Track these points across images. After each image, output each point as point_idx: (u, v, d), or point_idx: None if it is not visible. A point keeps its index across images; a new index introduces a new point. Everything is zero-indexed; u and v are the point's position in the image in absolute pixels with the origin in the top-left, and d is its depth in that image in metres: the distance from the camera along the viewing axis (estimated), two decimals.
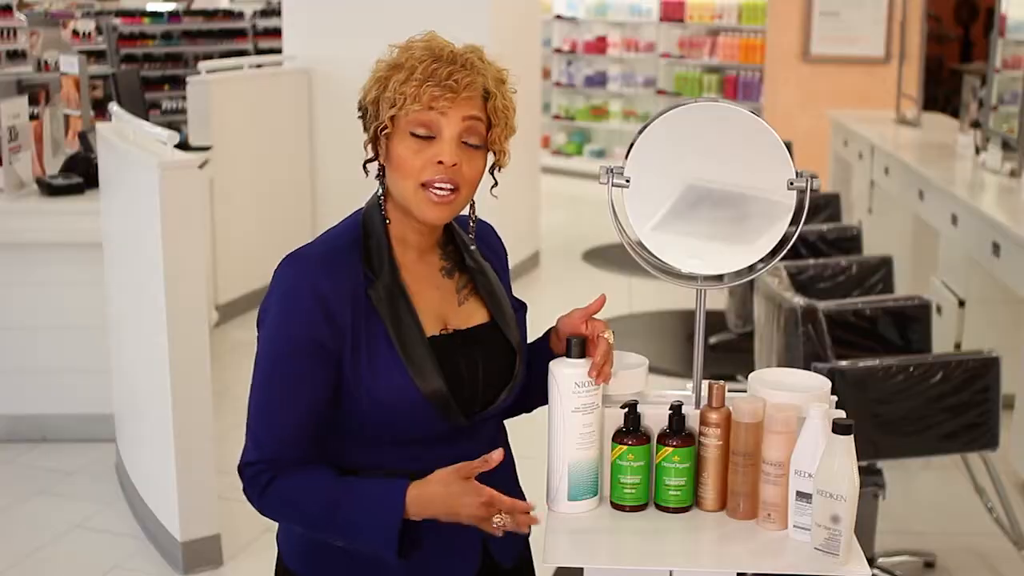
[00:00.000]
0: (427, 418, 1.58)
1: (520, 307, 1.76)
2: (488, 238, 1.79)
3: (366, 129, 1.62)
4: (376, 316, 1.58)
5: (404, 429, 1.59)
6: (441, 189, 1.56)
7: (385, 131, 1.58)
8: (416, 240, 1.65)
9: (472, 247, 1.72)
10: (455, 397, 1.59)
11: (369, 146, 1.63)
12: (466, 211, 1.68)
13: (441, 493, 1.51)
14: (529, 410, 1.79)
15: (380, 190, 1.63)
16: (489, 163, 1.65)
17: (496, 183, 1.67)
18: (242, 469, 1.60)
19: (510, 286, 1.79)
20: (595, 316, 1.69)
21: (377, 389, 1.56)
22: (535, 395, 1.74)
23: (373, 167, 1.64)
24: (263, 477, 1.57)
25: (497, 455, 1.53)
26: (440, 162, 1.55)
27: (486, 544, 1.68)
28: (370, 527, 1.52)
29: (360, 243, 1.62)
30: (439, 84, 1.54)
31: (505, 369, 1.67)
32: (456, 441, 1.62)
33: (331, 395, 1.58)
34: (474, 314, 1.68)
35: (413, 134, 1.56)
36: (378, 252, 1.61)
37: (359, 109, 1.63)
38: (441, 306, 1.65)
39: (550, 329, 1.77)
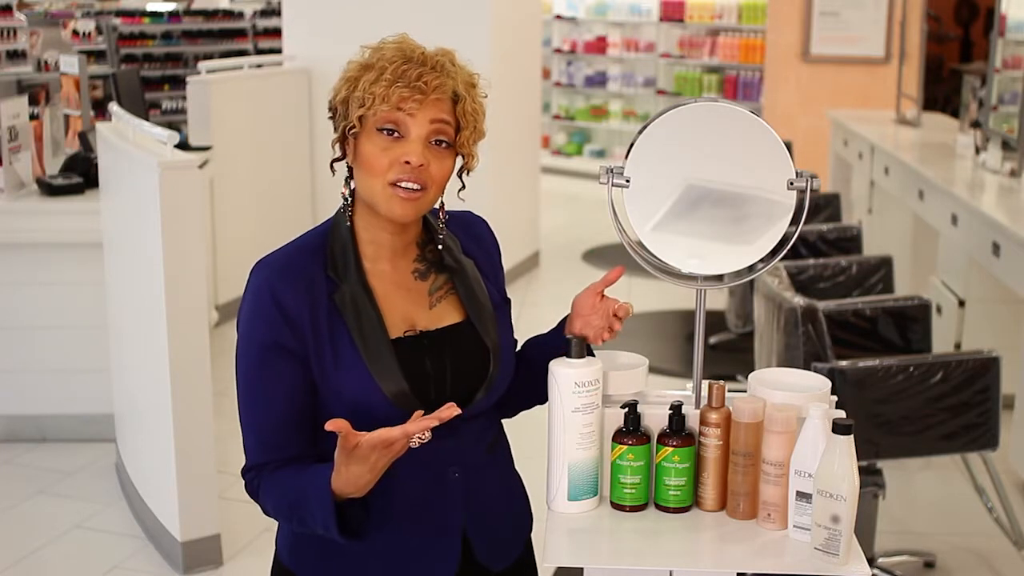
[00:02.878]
0: (395, 418, 1.57)
1: (504, 302, 1.76)
2: (478, 231, 1.79)
3: (336, 129, 1.65)
4: (341, 320, 1.60)
5: (375, 429, 1.59)
6: (409, 187, 1.57)
7: (353, 130, 1.60)
8: (389, 240, 1.65)
9: (452, 245, 1.72)
10: (421, 398, 1.59)
11: (337, 145, 1.65)
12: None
13: (357, 471, 1.49)
14: (543, 401, 1.77)
15: (348, 198, 1.65)
16: (459, 167, 1.66)
17: (464, 186, 1.67)
18: (243, 475, 1.64)
19: (502, 282, 1.79)
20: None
21: (344, 391, 1.59)
22: (543, 386, 1.72)
23: (340, 168, 1.67)
24: (254, 483, 1.63)
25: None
26: (407, 162, 1.56)
27: (467, 544, 1.68)
28: (314, 519, 1.54)
29: (325, 249, 1.64)
30: (408, 85, 1.55)
31: (480, 369, 1.67)
32: (439, 439, 1.61)
33: (309, 393, 1.60)
34: (447, 315, 1.68)
35: (380, 130, 1.58)
36: (343, 258, 1.63)
37: (329, 109, 1.65)
38: (409, 309, 1.66)
39: (566, 316, 1.77)
